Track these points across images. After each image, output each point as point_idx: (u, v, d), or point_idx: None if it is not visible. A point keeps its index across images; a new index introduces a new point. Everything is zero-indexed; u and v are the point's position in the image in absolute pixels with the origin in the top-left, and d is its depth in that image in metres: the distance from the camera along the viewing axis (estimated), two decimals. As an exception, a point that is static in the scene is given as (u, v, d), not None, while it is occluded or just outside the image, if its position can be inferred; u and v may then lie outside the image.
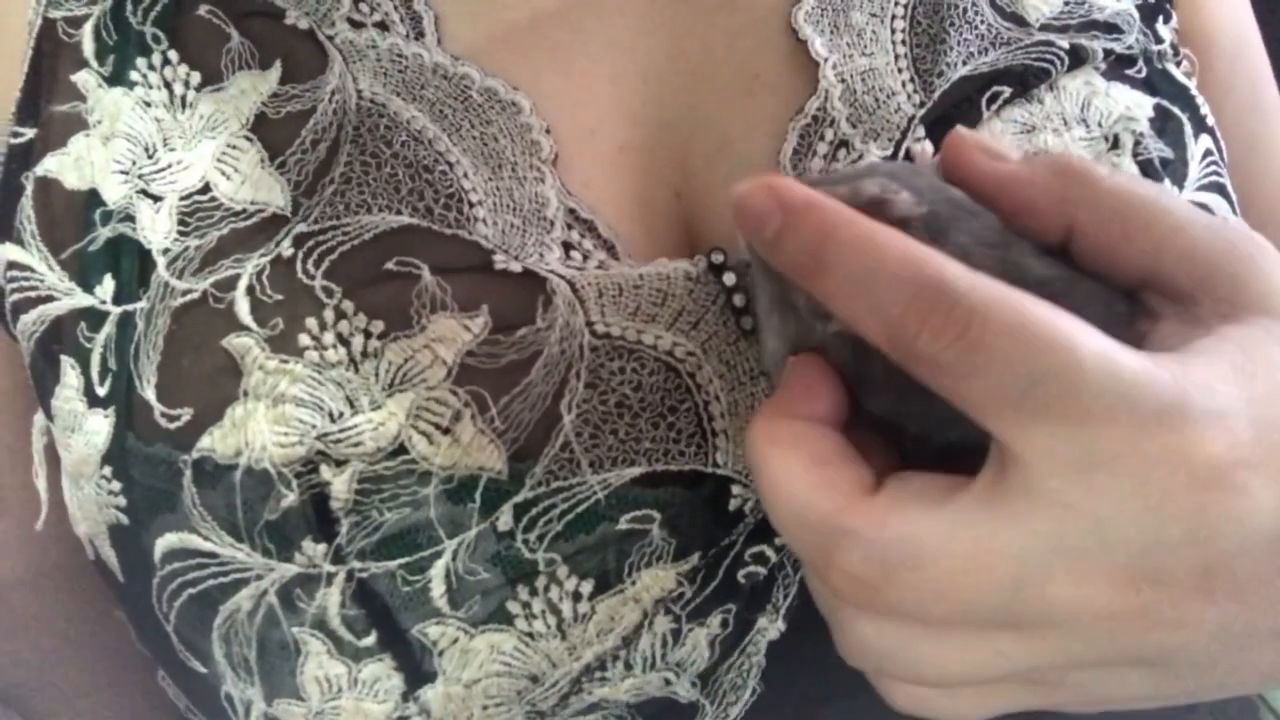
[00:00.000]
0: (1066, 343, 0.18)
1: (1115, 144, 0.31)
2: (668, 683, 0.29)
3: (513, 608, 0.27)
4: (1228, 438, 0.18)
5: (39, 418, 0.32)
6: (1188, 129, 0.33)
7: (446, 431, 0.26)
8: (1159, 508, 0.18)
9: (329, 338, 0.27)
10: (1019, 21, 0.33)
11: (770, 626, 0.29)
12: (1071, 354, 0.18)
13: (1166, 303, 0.22)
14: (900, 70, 0.32)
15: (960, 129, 0.25)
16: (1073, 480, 0.18)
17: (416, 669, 0.27)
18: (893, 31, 0.32)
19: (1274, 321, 0.21)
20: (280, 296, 0.27)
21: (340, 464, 0.26)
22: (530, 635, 0.27)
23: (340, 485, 0.26)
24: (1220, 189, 0.33)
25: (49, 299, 0.29)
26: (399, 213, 0.29)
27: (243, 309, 0.27)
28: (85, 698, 0.38)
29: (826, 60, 0.31)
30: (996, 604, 0.19)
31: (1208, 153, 0.33)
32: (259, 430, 0.26)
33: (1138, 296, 0.23)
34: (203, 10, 0.31)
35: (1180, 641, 0.20)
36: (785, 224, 0.21)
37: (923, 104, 0.31)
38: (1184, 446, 0.18)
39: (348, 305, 0.27)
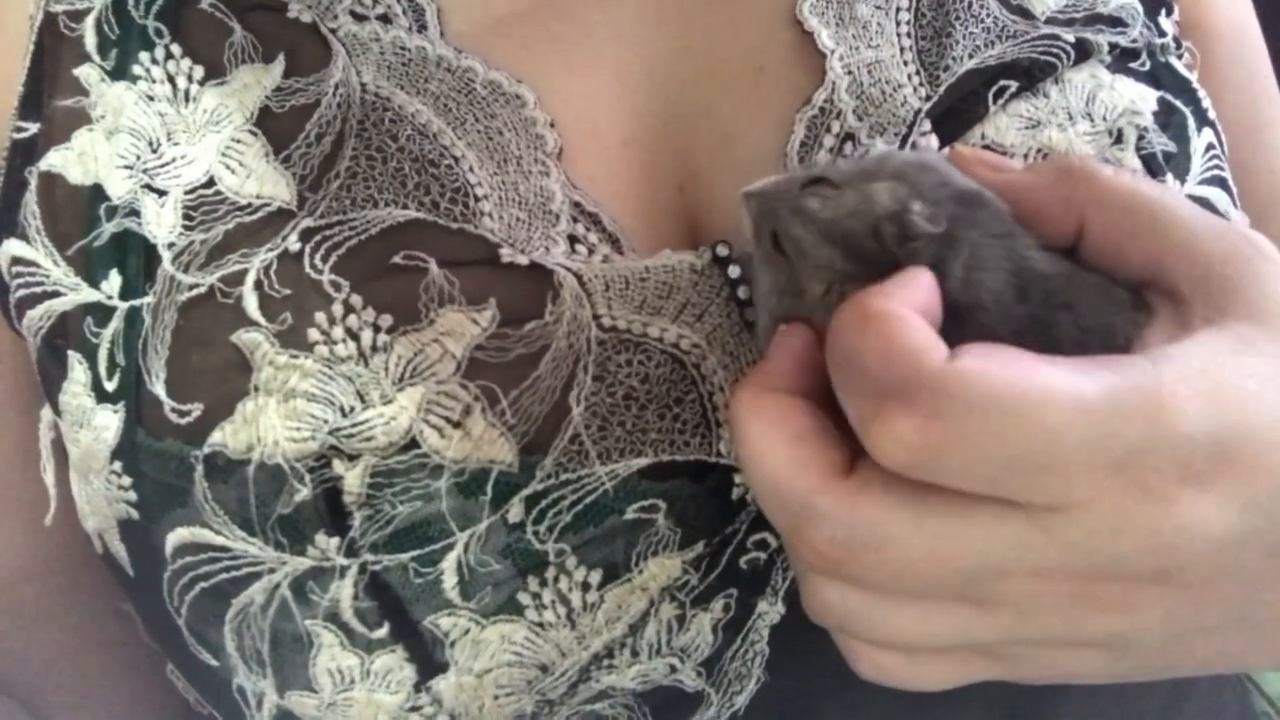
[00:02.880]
0: (1039, 415, 0.19)
1: (1119, 138, 0.31)
2: (673, 669, 0.29)
3: (523, 598, 0.27)
4: (1182, 464, 0.19)
5: (46, 412, 0.32)
6: (1190, 123, 0.33)
7: (457, 425, 0.26)
8: (1119, 531, 0.20)
9: (338, 332, 0.27)
10: (1024, 14, 0.33)
11: (770, 609, 0.29)
12: (1044, 426, 0.19)
13: (1164, 301, 0.23)
14: (906, 63, 0.32)
15: (959, 147, 0.25)
16: (1045, 513, 0.20)
17: (428, 660, 0.27)
18: (898, 24, 0.32)
19: (1254, 327, 0.21)
20: (288, 291, 0.27)
21: (352, 458, 0.26)
22: (540, 625, 0.27)
23: (353, 480, 0.26)
24: (1221, 182, 0.33)
25: (55, 294, 0.29)
26: (405, 207, 0.29)
27: (251, 304, 0.27)
28: (91, 691, 0.38)
29: (833, 52, 0.31)
30: (953, 587, 0.21)
31: (1209, 146, 0.33)
32: (271, 425, 0.26)
33: (1140, 291, 0.24)
34: (205, 4, 0.31)
35: (1130, 627, 0.21)
36: None
37: (929, 97, 0.31)
38: (1145, 478, 0.19)
39: (356, 299, 0.27)
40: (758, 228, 0.25)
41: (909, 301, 0.21)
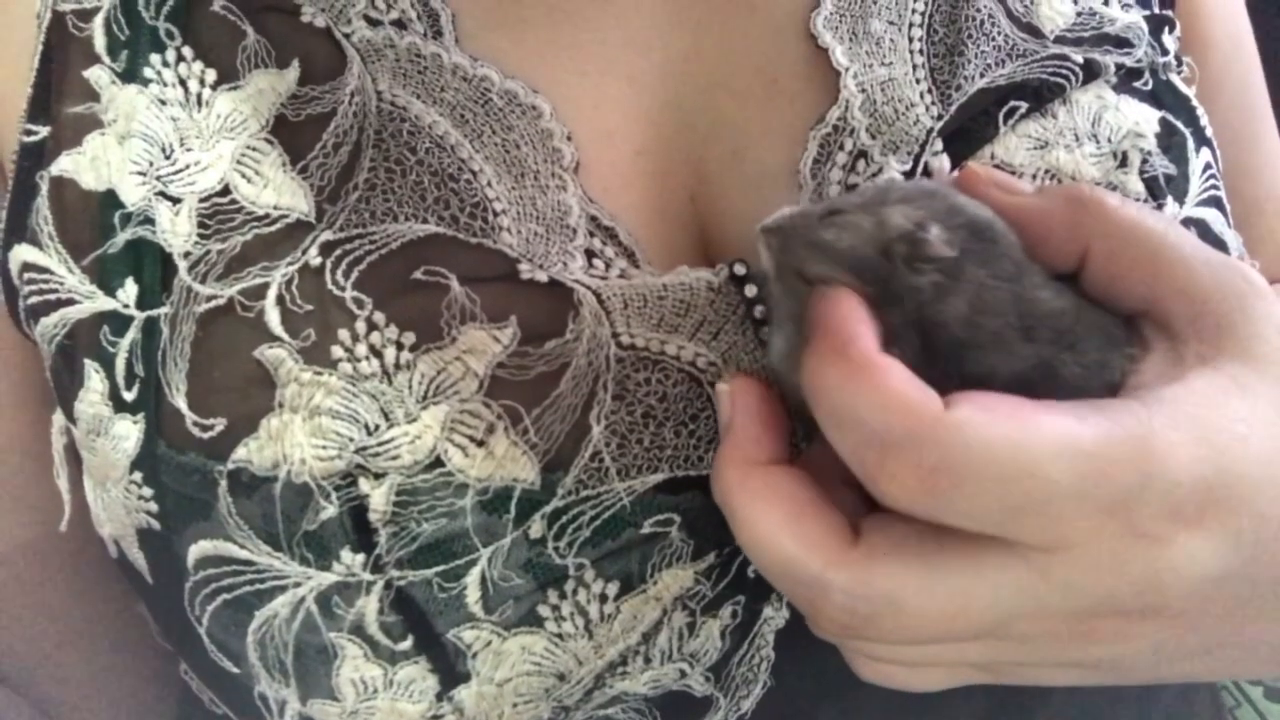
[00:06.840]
0: (1034, 462, 0.20)
1: (1123, 161, 0.32)
2: (683, 674, 0.30)
3: (543, 611, 0.28)
4: (1172, 506, 0.21)
5: (58, 418, 0.31)
6: (1190, 143, 0.34)
7: (481, 444, 0.27)
8: (1113, 570, 0.21)
9: (362, 349, 0.27)
10: (1034, 33, 0.33)
11: (776, 615, 0.30)
12: (1040, 472, 0.20)
13: (1159, 335, 0.24)
14: (919, 81, 0.32)
15: (973, 165, 0.26)
16: (1043, 555, 0.21)
17: (451, 670, 0.28)
18: (910, 41, 0.32)
19: (1245, 368, 0.22)
20: (310, 307, 0.28)
21: (378, 477, 0.26)
22: (559, 636, 0.28)
23: (378, 498, 0.26)
24: (1217, 203, 0.34)
25: (70, 302, 0.29)
26: (425, 221, 0.29)
27: (273, 319, 0.27)
28: (96, 687, 0.38)
29: (847, 69, 0.31)
30: (961, 636, 0.22)
31: (1207, 166, 0.34)
32: (297, 443, 0.26)
33: (1135, 323, 0.24)
34: (216, 5, 0.30)
35: (1118, 654, 0.23)
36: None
37: (941, 116, 0.31)
38: (1138, 520, 0.21)
39: (379, 316, 0.27)
40: (779, 266, 0.26)
41: (869, 335, 0.22)
